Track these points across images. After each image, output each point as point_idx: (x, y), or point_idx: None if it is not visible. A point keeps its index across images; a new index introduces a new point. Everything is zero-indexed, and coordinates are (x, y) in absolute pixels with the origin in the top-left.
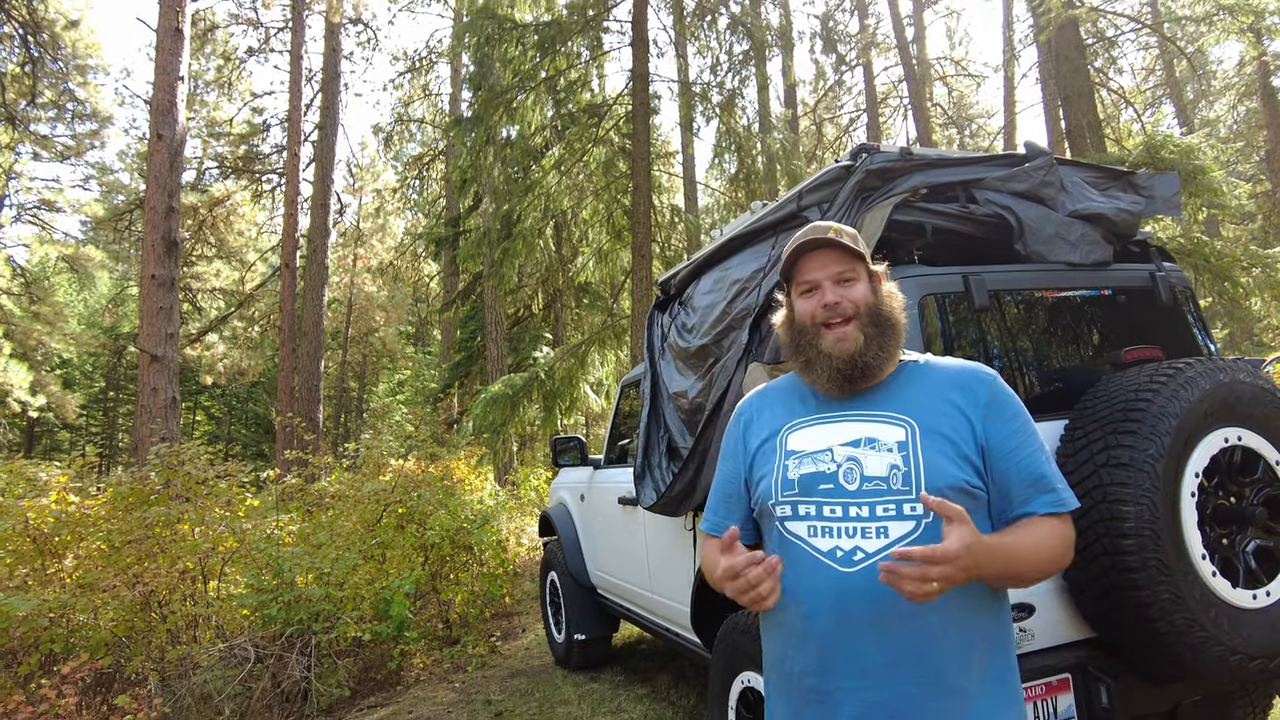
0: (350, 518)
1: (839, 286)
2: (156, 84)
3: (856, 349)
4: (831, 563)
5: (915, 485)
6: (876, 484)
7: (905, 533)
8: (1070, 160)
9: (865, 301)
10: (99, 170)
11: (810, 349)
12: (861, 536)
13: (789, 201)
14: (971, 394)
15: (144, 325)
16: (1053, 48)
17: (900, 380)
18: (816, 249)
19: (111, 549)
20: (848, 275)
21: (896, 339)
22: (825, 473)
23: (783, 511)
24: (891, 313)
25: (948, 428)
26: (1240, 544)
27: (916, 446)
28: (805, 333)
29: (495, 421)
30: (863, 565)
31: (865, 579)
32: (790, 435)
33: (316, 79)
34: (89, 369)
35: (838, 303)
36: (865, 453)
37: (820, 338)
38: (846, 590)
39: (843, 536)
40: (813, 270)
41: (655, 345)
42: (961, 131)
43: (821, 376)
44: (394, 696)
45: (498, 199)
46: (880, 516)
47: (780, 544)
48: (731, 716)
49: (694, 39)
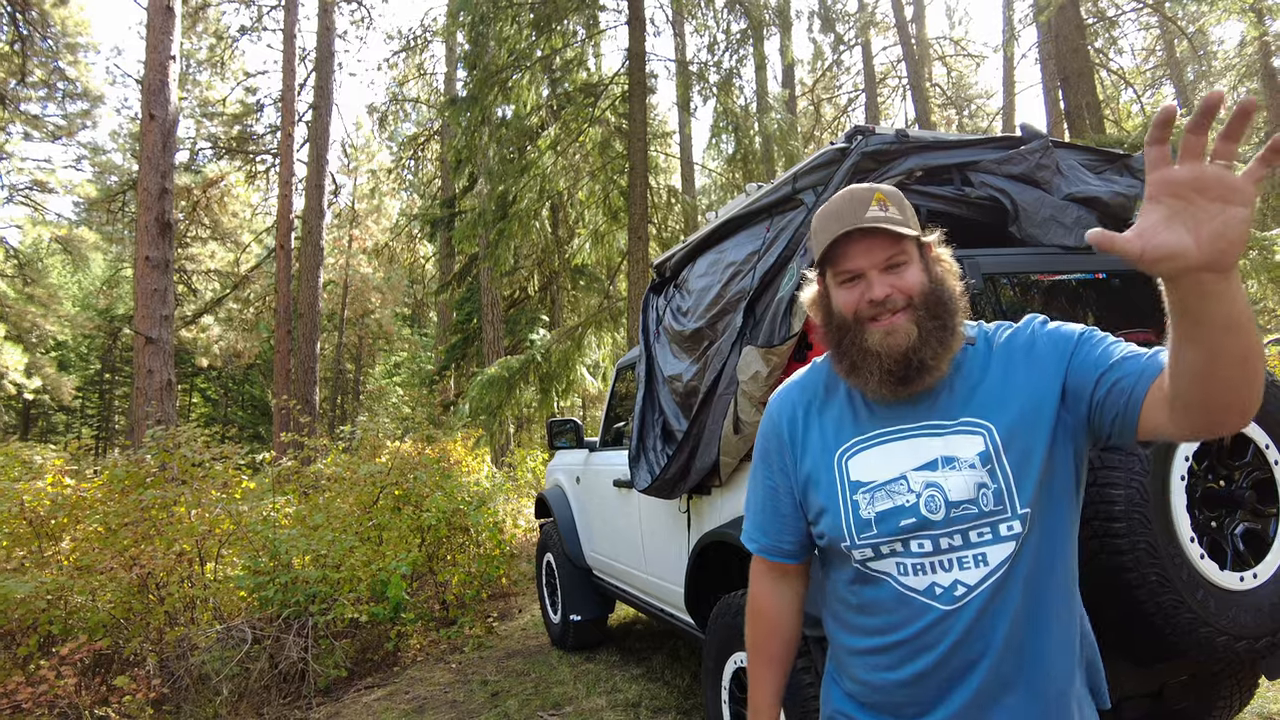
0: (347, 500)
1: (887, 274)
2: (148, 63)
3: (910, 344)
4: (931, 601)
5: (1009, 502)
6: (965, 508)
7: (1006, 556)
8: (1066, 143)
9: (920, 288)
10: (91, 150)
11: (854, 349)
12: (960, 568)
13: (784, 184)
14: (1032, 356)
15: (139, 307)
16: (1053, 27)
17: (961, 372)
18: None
19: (108, 531)
20: (897, 259)
21: (957, 332)
22: (905, 506)
23: (863, 554)
24: (952, 295)
25: (1030, 417)
26: (1228, 527)
27: (1000, 456)
28: (846, 329)
29: (492, 404)
30: (967, 598)
31: (973, 613)
32: (850, 461)
33: (310, 58)
34: (84, 351)
35: (887, 296)
36: (945, 475)
37: (865, 334)
38: (953, 627)
39: (938, 571)
40: (855, 257)
41: (650, 328)
42: (960, 112)
43: (872, 380)
44: (391, 677)
45: (493, 180)
46: (975, 543)
47: (862, 580)
48: (725, 696)
49: (691, 17)
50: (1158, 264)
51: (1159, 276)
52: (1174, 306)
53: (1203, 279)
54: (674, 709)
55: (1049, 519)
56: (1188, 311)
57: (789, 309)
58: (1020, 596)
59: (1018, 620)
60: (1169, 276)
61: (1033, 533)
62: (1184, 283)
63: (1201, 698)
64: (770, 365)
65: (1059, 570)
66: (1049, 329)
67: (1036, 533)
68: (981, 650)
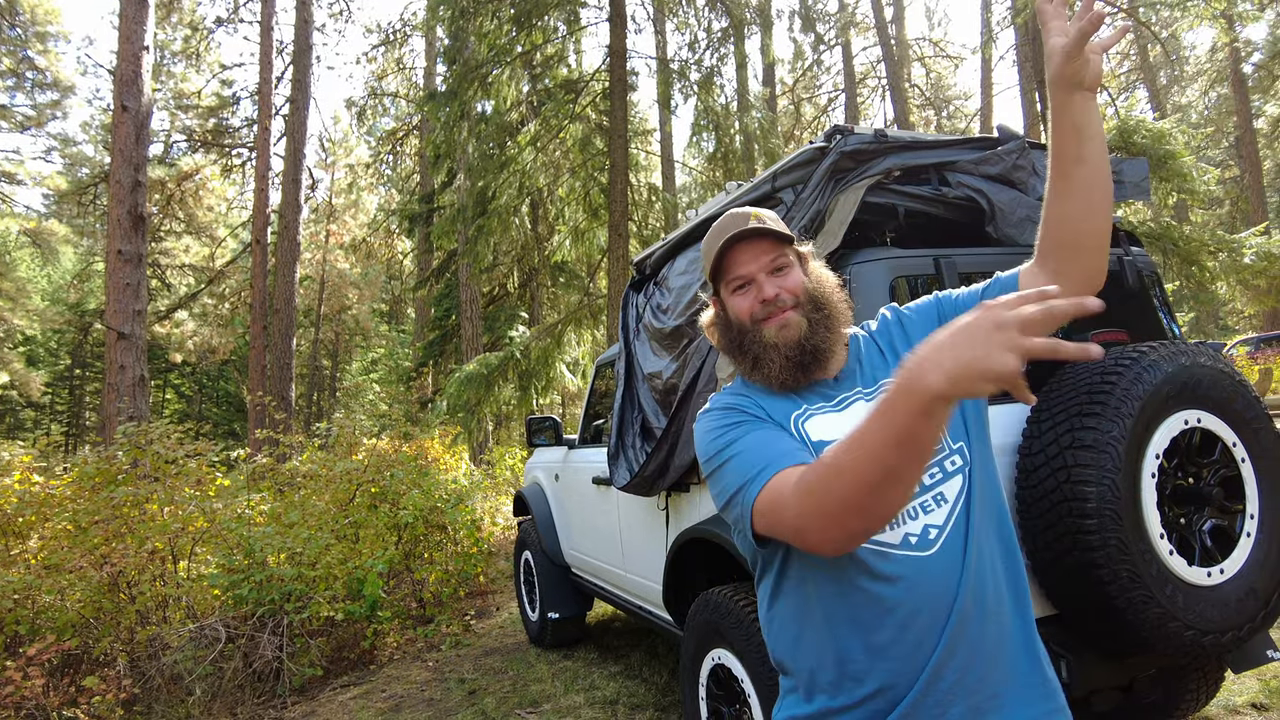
0: (323, 497)
1: (774, 277)
2: (120, 53)
3: (802, 334)
4: (908, 551)
5: (945, 438)
6: None
7: (959, 489)
8: (1042, 144)
9: (803, 287)
10: (61, 142)
11: (755, 345)
12: (924, 513)
13: (764, 182)
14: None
15: (111, 302)
16: (1030, 30)
17: (861, 354)
18: (743, 240)
19: (78, 529)
20: (780, 263)
21: (840, 318)
22: None
23: None
24: (833, 293)
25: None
26: (1197, 524)
27: None
28: (744, 332)
29: (470, 401)
30: (941, 540)
31: (949, 553)
32: (806, 424)
33: (288, 51)
34: (54, 346)
35: (776, 295)
36: None
37: (762, 332)
38: (938, 573)
39: (907, 520)
40: (744, 264)
41: (630, 325)
42: (939, 113)
43: (774, 369)
44: (367, 675)
45: (472, 175)
46: (930, 486)
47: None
48: (702, 692)
49: (672, 15)
50: (1078, 63)
51: (1071, 81)
52: (1067, 124)
53: (1089, 95)
54: (652, 706)
55: (979, 450)
56: (1078, 126)
57: None
58: (988, 525)
59: (981, 549)
60: (1076, 86)
61: (973, 465)
62: (1079, 96)
63: (1169, 691)
64: None
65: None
66: (906, 307)
67: (975, 465)
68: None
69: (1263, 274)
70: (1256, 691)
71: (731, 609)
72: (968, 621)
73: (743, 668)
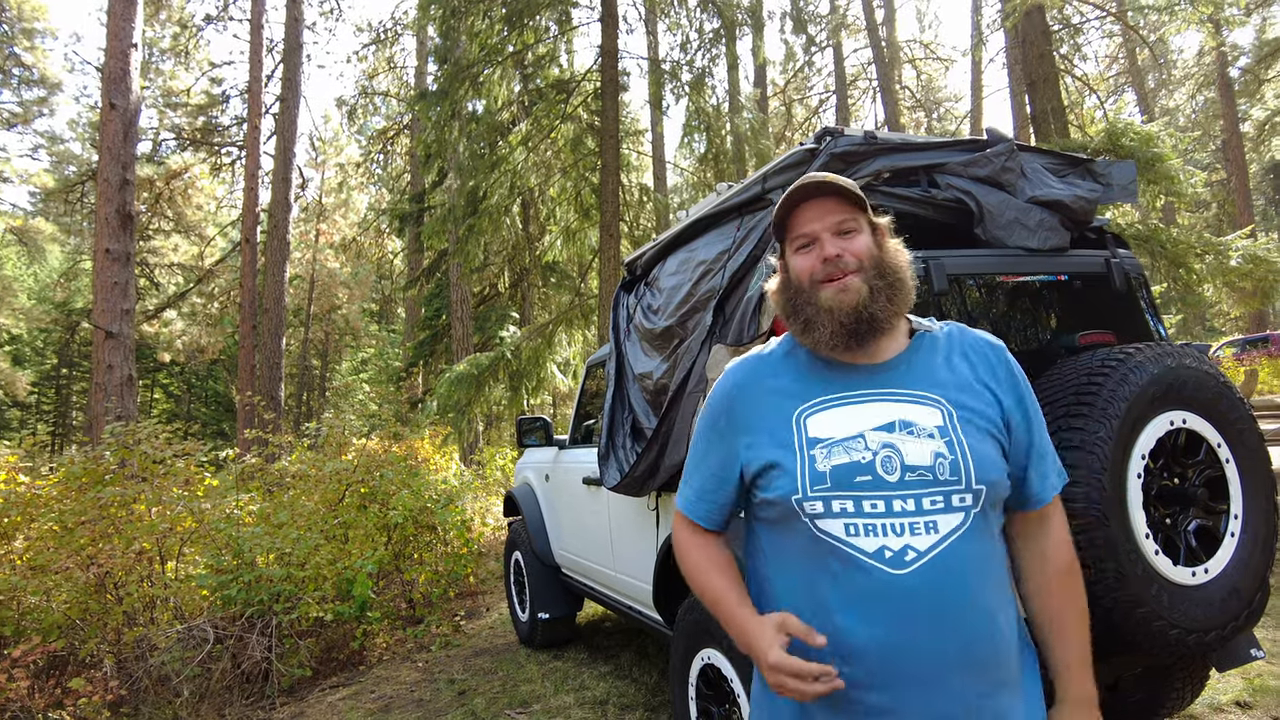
0: (312, 497)
1: (839, 238)
2: (109, 51)
3: (861, 300)
4: (881, 564)
5: (965, 476)
6: (920, 474)
7: (955, 526)
8: (1031, 146)
9: (869, 254)
10: (48, 139)
11: (809, 307)
12: (910, 533)
13: (754, 184)
14: (990, 366)
15: (98, 301)
16: (1020, 33)
17: (921, 352)
18: (811, 198)
19: (64, 530)
20: (848, 225)
21: (906, 294)
22: (861, 463)
23: (813, 508)
24: (902, 268)
25: (981, 407)
26: (1182, 524)
27: (958, 431)
28: (802, 291)
29: (460, 401)
30: (916, 564)
31: (922, 580)
32: (809, 420)
33: (278, 49)
34: (40, 345)
35: (839, 255)
36: (903, 439)
37: (819, 293)
38: (901, 594)
39: (889, 535)
40: (809, 222)
41: (621, 326)
42: (929, 115)
43: (824, 334)
44: (357, 676)
45: (463, 175)
46: (928, 510)
47: (811, 545)
48: (692, 692)
49: (664, 16)
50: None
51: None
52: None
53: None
54: (641, 706)
55: (993, 506)
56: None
57: (758, 308)
58: (971, 572)
59: (965, 597)
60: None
61: (983, 512)
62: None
63: (1155, 689)
64: None
65: (999, 556)
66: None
67: (985, 514)
68: (927, 623)
69: (1248, 276)
70: (1241, 690)
71: None
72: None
73: (732, 667)
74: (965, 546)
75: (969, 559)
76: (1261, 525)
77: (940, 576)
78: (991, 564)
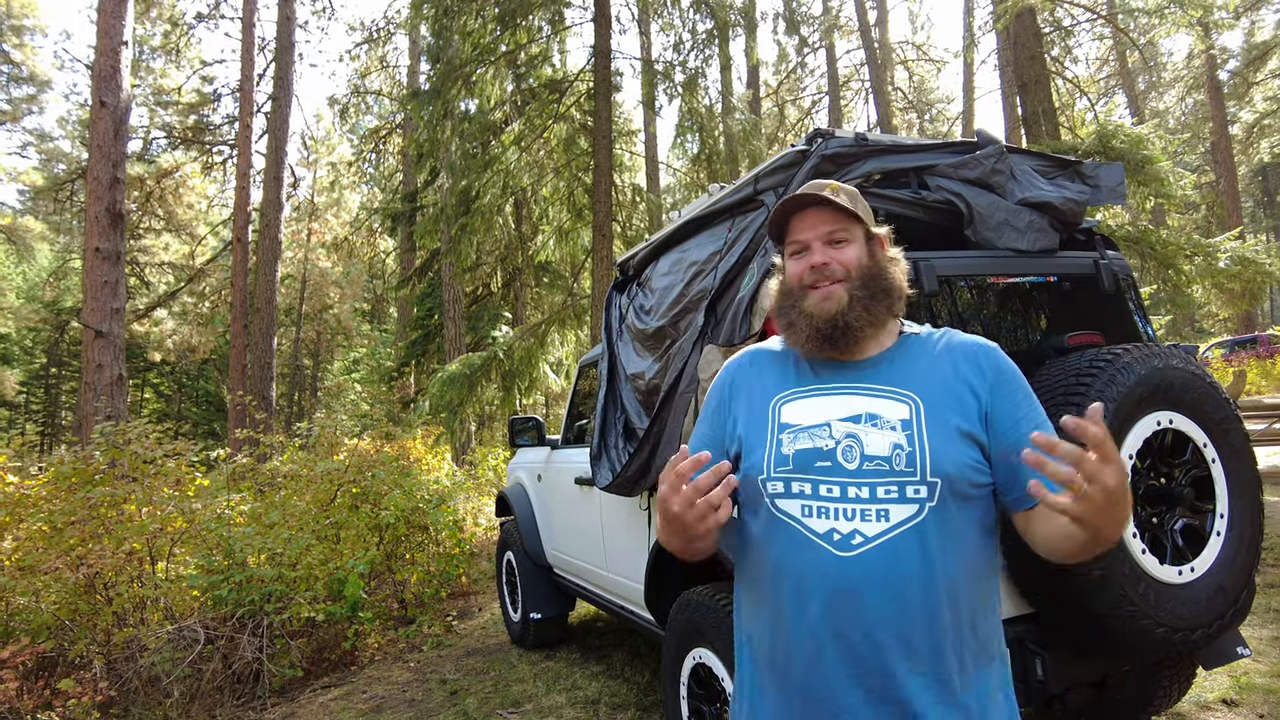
0: (303, 497)
1: (829, 248)
2: (99, 48)
3: (839, 308)
4: (828, 545)
5: (920, 467)
6: (878, 464)
7: (908, 516)
8: (1020, 148)
9: (857, 264)
10: (38, 137)
11: (793, 310)
12: (861, 519)
13: (746, 185)
14: (976, 366)
15: (88, 300)
16: (1011, 35)
17: (903, 352)
18: (806, 207)
19: (53, 530)
20: (839, 235)
21: (889, 304)
22: (822, 449)
23: (774, 488)
24: (889, 278)
25: (953, 404)
26: (1169, 523)
27: (921, 425)
28: (791, 294)
29: (453, 401)
30: (862, 549)
31: (865, 565)
32: (784, 406)
33: (270, 48)
34: (29, 344)
35: (825, 264)
36: (866, 430)
37: (805, 298)
38: (844, 576)
39: (840, 519)
40: (803, 230)
41: (613, 326)
42: (921, 116)
43: (801, 336)
44: (348, 676)
45: (455, 175)
46: (881, 499)
47: (770, 523)
48: (684, 692)
49: (657, 16)
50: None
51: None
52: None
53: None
54: (633, 705)
55: (960, 502)
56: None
57: (749, 308)
58: (917, 564)
59: (908, 586)
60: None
61: (941, 506)
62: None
63: (1142, 687)
64: None
65: (966, 558)
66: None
67: (945, 508)
68: (869, 608)
69: (1237, 278)
70: (1227, 688)
71: (712, 608)
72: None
73: (724, 666)
74: (917, 538)
75: (920, 550)
76: (1247, 524)
77: (884, 562)
78: (950, 560)
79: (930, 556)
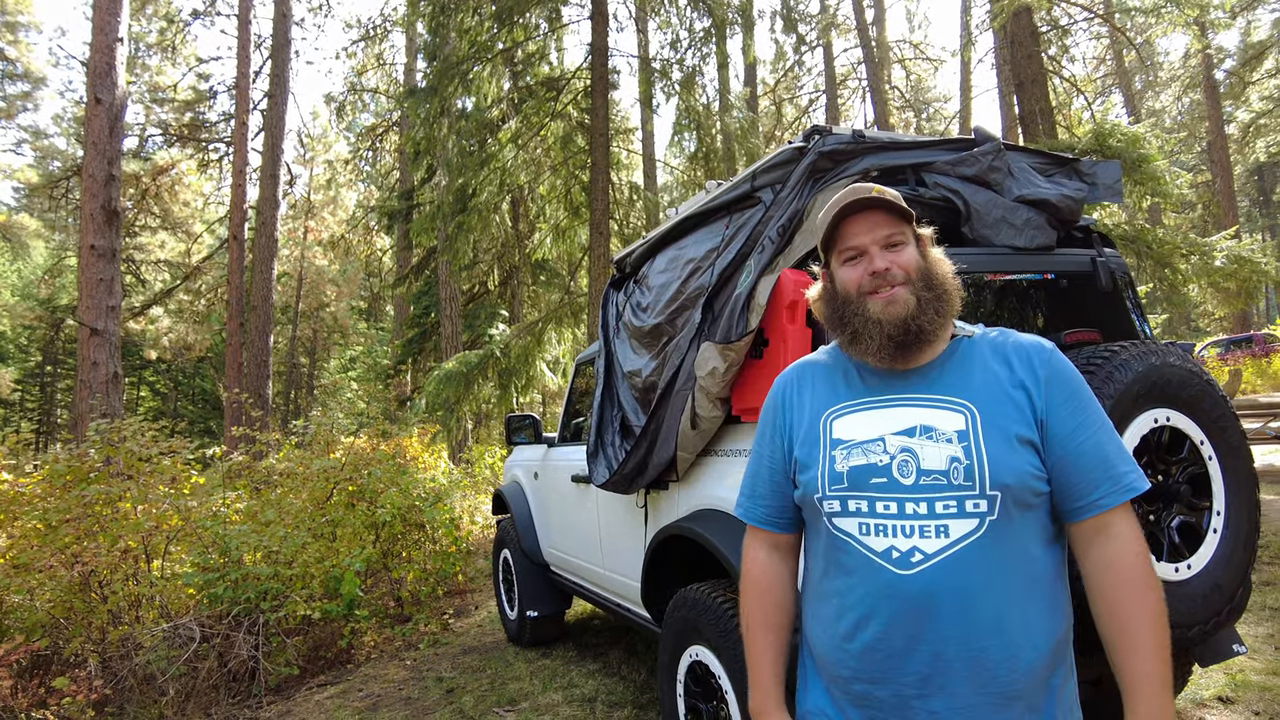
0: (300, 495)
1: (887, 251)
2: (94, 45)
3: (909, 312)
4: (887, 564)
5: (979, 480)
6: (935, 478)
7: (968, 531)
8: (1018, 146)
9: (916, 266)
10: (32, 134)
11: (856, 318)
12: (920, 536)
13: (743, 182)
14: (1030, 367)
15: (83, 297)
16: (1008, 33)
17: (955, 358)
18: (861, 210)
19: (48, 528)
20: (896, 239)
21: (951, 304)
22: (878, 465)
23: (830, 507)
24: (945, 278)
25: (1011, 409)
26: (1165, 520)
27: (978, 436)
28: (850, 303)
29: (449, 399)
30: (921, 567)
31: (924, 582)
32: (835, 421)
33: (266, 45)
34: (24, 342)
35: (887, 269)
36: (921, 443)
37: (867, 305)
38: (904, 594)
39: (899, 535)
40: (858, 235)
41: (610, 323)
42: (919, 115)
43: (872, 346)
44: (344, 674)
45: (452, 172)
46: (940, 514)
47: (829, 542)
48: (680, 689)
49: (654, 14)
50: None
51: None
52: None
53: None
54: (630, 703)
55: (1022, 512)
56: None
57: (746, 305)
58: (978, 579)
59: (970, 604)
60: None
61: (1003, 518)
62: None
63: None
64: (727, 361)
65: (1030, 571)
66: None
67: (1006, 520)
68: (928, 626)
69: (1233, 276)
70: (1223, 685)
71: (709, 606)
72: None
73: (720, 664)
74: (979, 553)
75: (981, 566)
76: (1243, 522)
77: (946, 580)
78: (1013, 574)
79: (997, 572)
